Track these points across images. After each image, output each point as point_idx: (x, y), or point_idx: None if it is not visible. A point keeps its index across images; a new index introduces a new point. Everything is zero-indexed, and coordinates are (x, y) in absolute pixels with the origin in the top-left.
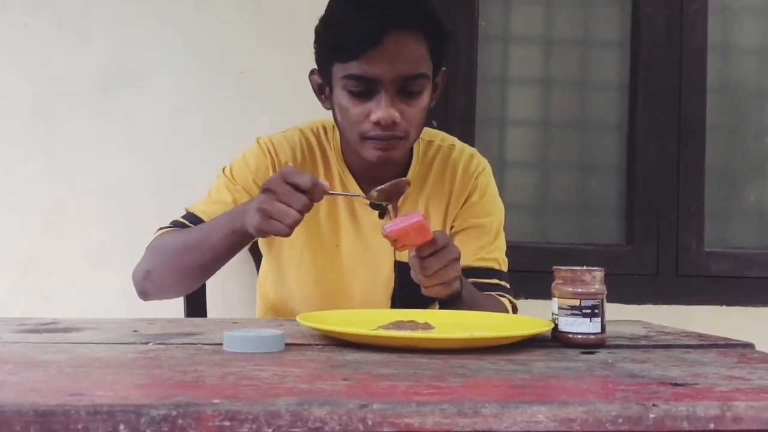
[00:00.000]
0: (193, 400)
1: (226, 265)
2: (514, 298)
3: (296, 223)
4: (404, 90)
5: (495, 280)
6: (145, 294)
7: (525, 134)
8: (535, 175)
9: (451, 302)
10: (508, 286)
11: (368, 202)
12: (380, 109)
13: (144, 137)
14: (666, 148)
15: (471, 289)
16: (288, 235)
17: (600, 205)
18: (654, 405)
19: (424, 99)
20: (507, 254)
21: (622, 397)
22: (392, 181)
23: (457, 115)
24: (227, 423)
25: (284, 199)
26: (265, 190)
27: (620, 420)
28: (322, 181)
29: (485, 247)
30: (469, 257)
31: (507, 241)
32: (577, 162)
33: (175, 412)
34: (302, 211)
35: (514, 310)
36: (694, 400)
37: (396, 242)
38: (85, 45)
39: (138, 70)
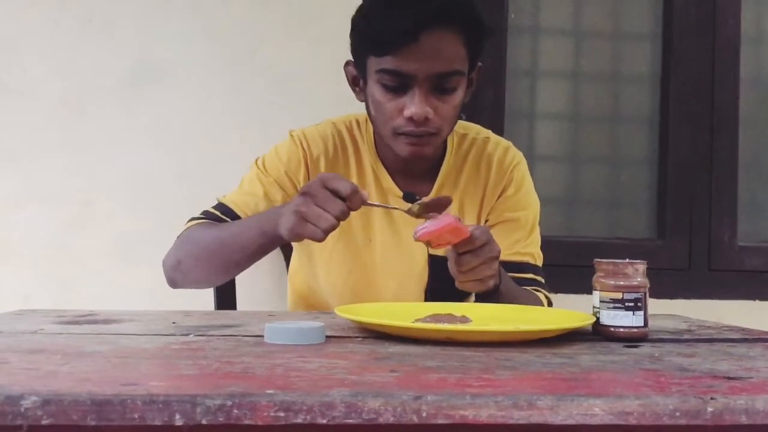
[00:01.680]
0: (247, 390)
1: None
2: (548, 292)
3: (332, 228)
4: (439, 86)
5: (530, 275)
6: (174, 283)
7: (555, 127)
8: (565, 169)
9: (488, 295)
10: (543, 281)
11: (401, 194)
12: (414, 105)
13: (171, 132)
14: (698, 141)
15: (509, 283)
16: (322, 239)
17: (631, 199)
18: (712, 399)
19: (459, 95)
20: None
21: (678, 391)
22: (435, 197)
23: (486, 108)
24: (282, 414)
25: (321, 204)
26: (303, 193)
27: (678, 414)
28: (362, 190)
29: (520, 241)
30: (504, 251)
31: None
32: (608, 155)
33: (230, 402)
34: (339, 218)
35: (549, 305)
36: (752, 394)
37: (429, 243)
38: (114, 40)
39: (166, 64)
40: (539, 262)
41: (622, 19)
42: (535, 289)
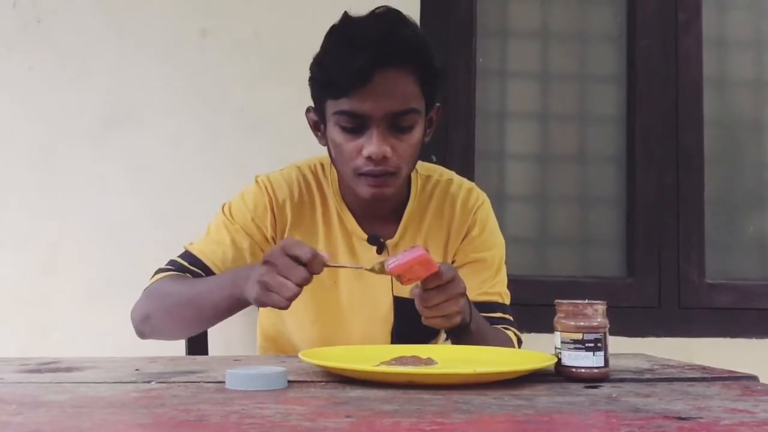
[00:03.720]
0: None
1: None
2: (518, 330)
3: (294, 296)
4: (395, 125)
5: (499, 314)
6: (142, 335)
7: (524, 168)
8: (534, 209)
9: (458, 334)
10: (512, 318)
11: (366, 237)
12: (371, 144)
13: (143, 176)
14: (665, 180)
15: (481, 321)
16: (286, 308)
17: (600, 237)
18: None
19: (416, 134)
20: (508, 287)
21: None
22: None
23: (456, 149)
24: None
25: (284, 272)
26: (266, 262)
27: None
28: (322, 253)
29: (487, 281)
30: (471, 292)
31: (507, 275)
32: (577, 195)
33: None
34: (300, 285)
35: (519, 342)
36: None
37: (400, 277)
38: (87, 85)
39: (138, 109)
40: (507, 301)
41: (587, 62)
42: (505, 328)
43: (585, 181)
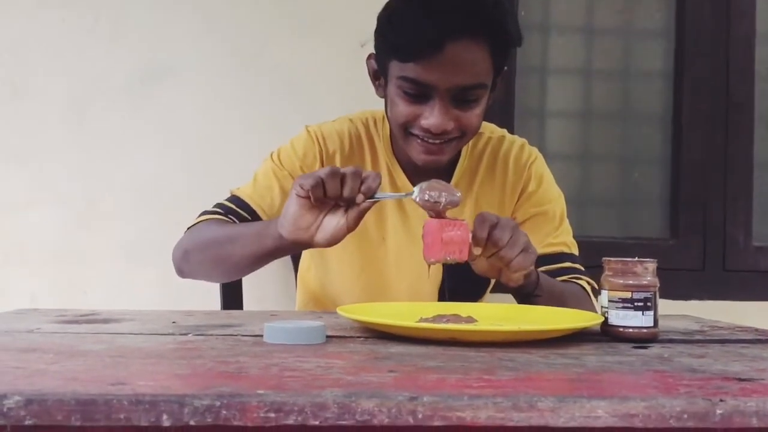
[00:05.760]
0: (237, 390)
1: None
2: (590, 278)
3: (315, 183)
4: (460, 98)
5: (567, 264)
6: (181, 272)
7: (566, 125)
8: (576, 168)
9: (527, 296)
10: (581, 267)
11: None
12: (433, 117)
13: (178, 132)
14: (712, 139)
15: (551, 284)
16: (302, 194)
17: (644, 198)
18: (721, 400)
19: (481, 105)
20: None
21: (686, 392)
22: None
23: (496, 106)
24: (272, 414)
25: (318, 173)
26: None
27: (685, 416)
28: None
29: (551, 233)
30: (537, 246)
31: None
32: (620, 154)
33: (219, 403)
34: (326, 182)
35: (594, 291)
36: (764, 395)
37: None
38: (121, 40)
39: (172, 65)
40: (574, 251)
41: (634, 15)
42: (575, 277)
43: (629, 139)
